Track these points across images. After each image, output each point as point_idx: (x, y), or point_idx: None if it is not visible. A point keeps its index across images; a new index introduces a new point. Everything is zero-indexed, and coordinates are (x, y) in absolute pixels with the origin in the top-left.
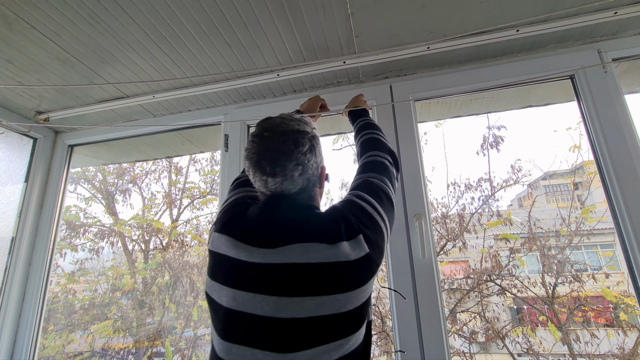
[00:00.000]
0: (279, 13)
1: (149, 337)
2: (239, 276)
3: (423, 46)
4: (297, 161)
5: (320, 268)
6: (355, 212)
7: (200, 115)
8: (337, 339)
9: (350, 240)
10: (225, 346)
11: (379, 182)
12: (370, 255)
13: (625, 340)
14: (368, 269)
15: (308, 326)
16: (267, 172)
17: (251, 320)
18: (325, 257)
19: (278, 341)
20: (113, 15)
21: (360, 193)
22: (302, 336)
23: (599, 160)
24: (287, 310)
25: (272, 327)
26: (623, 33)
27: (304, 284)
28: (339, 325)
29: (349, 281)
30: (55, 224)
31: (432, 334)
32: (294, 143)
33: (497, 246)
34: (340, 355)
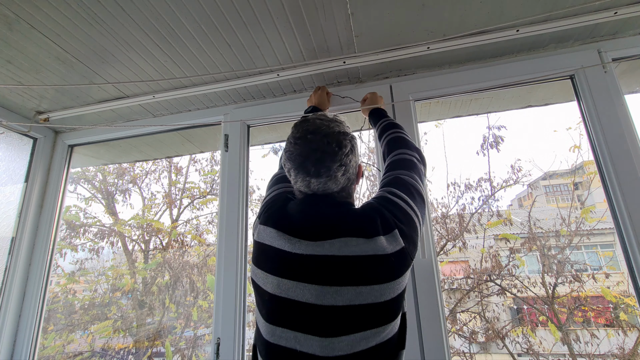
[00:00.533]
0: (279, 13)
1: (149, 337)
2: (283, 265)
3: (423, 46)
4: (340, 162)
5: (358, 260)
6: (389, 208)
7: (200, 115)
8: (374, 327)
9: (387, 234)
10: (270, 328)
11: (409, 178)
12: (405, 249)
13: (625, 340)
14: (403, 262)
15: (347, 314)
16: (312, 173)
17: (294, 306)
18: (363, 250)
19: (319, 326)
20: (113, 15)
21: (393, 189)
22: (341, 323)
23: (599, 160)
24: (328, 298)
25: (314, 313)
26: (623, 33)
27: (343, 274)
28: (376, 314)
29: (386, 273)
30: (55, 224)
31: (432, 334)
32: (337, 145)
33: (497, 246)
34: (377, 343)
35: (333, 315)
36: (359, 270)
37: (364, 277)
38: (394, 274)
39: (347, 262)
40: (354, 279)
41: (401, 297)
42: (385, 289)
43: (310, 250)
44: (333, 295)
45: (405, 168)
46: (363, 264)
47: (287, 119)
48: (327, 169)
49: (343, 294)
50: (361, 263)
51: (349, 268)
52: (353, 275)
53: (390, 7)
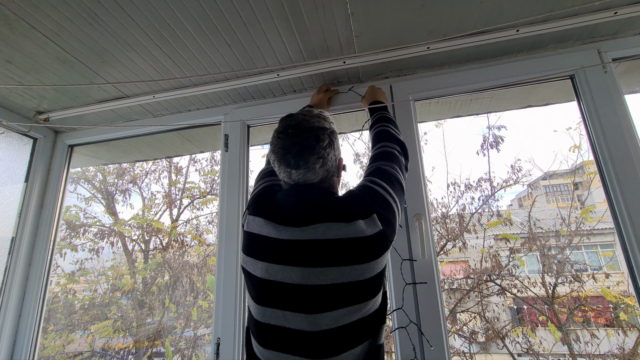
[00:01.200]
0: (279, 13)
1: (149, 337)
2: (271, 251)
3: (423, 46)
4: (318, 155)
5: (340, 243)
6: (369, 194)
7: (200, 115)
8: (356, 303)
9: (366, 218)
10: (260, 310)
11: (389, 168)
12: (383, 231)
13: (625, 340)
14: (382, 243)
15: (330, 292)
16: (292, 165)
17: (282, 288)
18: (344, 233)
19: (305, 304)
20: (113, 15)
21: (373, 178)
22: (325, 300)
23: (599, 160)
24: (312, 278)
25: (300, 293)
26: (623, 33)
27: (326, 256)
28: (358, 291)
29: (366, 253)
30: (55, 224)
31: (432, 334)
32: (315, 139)
33: (497, 246)
34: (359, 317)
35: (318, 294)
36: (342, 252)
37: (346, 257)
38: (373, 255)
39: (331, 245)
40: (337, 259)
41: (381, 276)
42: (365, 268)
43: (295, 235)
44: (318, 275)
45: (386, 159)
46: (345, 246)
47: None
48: (305, 161)
49: (327, 274)
50: (343, 245)
51: (332, 250)
52: (336, 256)
53: (390, 7)
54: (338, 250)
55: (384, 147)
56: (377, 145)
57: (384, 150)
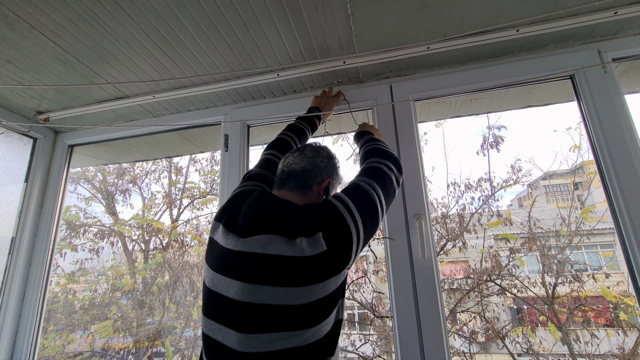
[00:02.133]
0: (279, 13)
1: (149, 337)
2: (218, 260)
3: (423, 46)
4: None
5: (277, 260)
6: (325, 210)
7: (200, 115)
8: (289, 330)
9: (309, 237)
10: (204, 320)
11: (365, 185)
12: (327, 253)
13: (625, 340)
14: (325, 267)
15: (262, 312)
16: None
17: (221, 301)
18: (282, 250)
19: (238, 322)
20: (113, 15)
21: (341, 195)
22: (256, 320)
23: (599, 160)
24: (247, 295)
25: (235, 309)
26: (623, 33)
27: (262, 273)
28: (292, 316)
29: (303, 276)
30: (55, 224)
31: (432, 334)
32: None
33: (497, 246)
34: (294, 346)
35: (249, 313)
36: (276, 270)
37: (280, 277)
38: (312, 278)
39: (267, 261)
40: (271, 278)
41: (328, 303)
42: (302, 292)
43: (238, 246)
44: (251, 292)
45: (367, 175)
46: (280, 265)
47: (287, 119)
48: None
49: (260, 292)
50: (279, 263)
51: (268, 267)
52: (270, 274)
53: (390, 7)
54: (274, 268)
55: (371, 162)
56: (366, 161)
57: (370, 165)
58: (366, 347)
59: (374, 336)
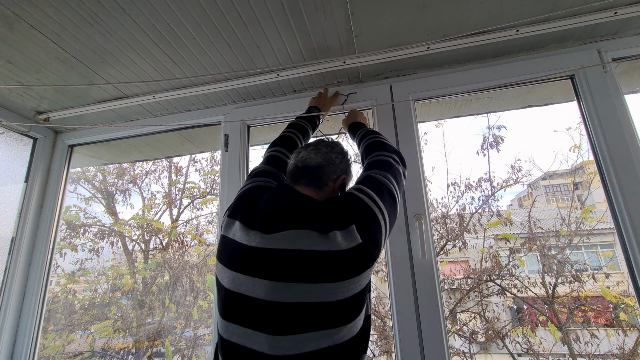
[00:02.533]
0: (279, 13)
1: (149, 337)
2: (238, 259)
3: (423, 46)
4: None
5: (310, 255)
6: (352, 203)
7: (200, 115)
8: (325, 328)
9: (343, 230)
10: (224, 324)
11: (381, 177)
12: (362, 246)
13: (625, 340)
14: (361, 260)
15: (295, 311)
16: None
17: (246, 302)
18: (316, 244)
19: (268, 323)
20: (113, 15)
21: (361, 187)
22: (289, 320)
23: (599, 160)
24: (277, 294)
25: (264, 310)
26: (623, 33)
27: (293, 269)
28: (328, 314)
29: (339, 271)
30: (55, 224)
31: (432, 334)
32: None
33: (497, 246)
34: (329, 345)
35: (281, 312)
36: (310, 266)
37: (314, 273)
38: (349, 272)
39: (298, 257)
40: (304, 275)
41: (360, 298)
42: (338, 288)
43: (263, 243)
44: (283, 291)
45: (379, 168)
46: (314, 260)
47: (287, 119)
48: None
49: (293, 290)
50: (312, 258)
51: (300, 263)
52: (303, 271)
53: (390, 7)
54: (307, 264)
55: (378, 155)
56: (372, 154)
57: (378, 158)
58: None
59: (373, 336)
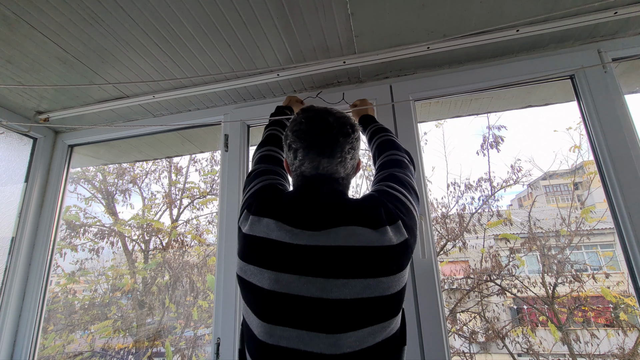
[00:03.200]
0: (279, 13)
1: (149, 337)
2: (282, 258)
3: (423, 46)
4: (351, 145)
5: (366, 251)
6: (391, 200)
7: (200, 115)
8: (381, 321)
9: (392, 225)
10: (268, 328)
11: (403, 175)
12: (409, 240)
13: (625, 340)
14: (407, 254)
15: (354, 307)
16: (325, 153)
17: (297, 302)
18: (370, 240)
19: (325, 322)
20: (113, 15)
21: (391, 184)
22: (348, 317)
23: (599, 160)
24: (334, 291)
25: (319, 308)
26: (623, 33)
27: (350, 266)
28: (383, 307)
29: (392, 265)
30: (55, 224)
31: (432, 334)
32: (351, 127)
33: (497, 246)
34: (383, 338)
35: (340, 310)
36: (367, 262)
37: (372, 269)
38: (399, 266)
39: (355, 253)
40: (361, 270)
41: (404, 290)
42: (391, 282)
43: (314, 240)
44: (340, 288)
45: (398, 167)
46: (371, 255)
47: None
48: (340, 149)
49: (351, 286)
50: (369, 254)
51: (357, 259)
52: (361, 266)
53: (390, 7)
54: (363, 260)
55: (394, 154)
56: (386, 153)
57: (394, 158)
58: None
59: None
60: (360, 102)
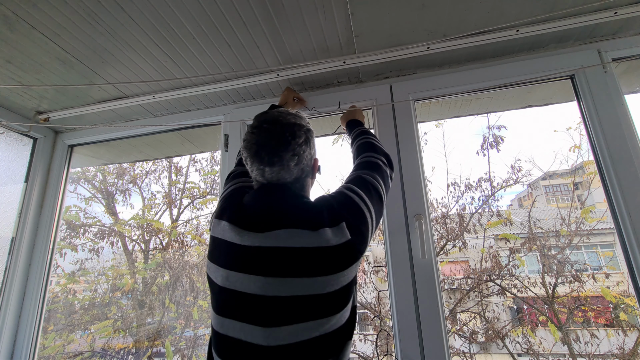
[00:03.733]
0: (279, 13)
1: (149, 337)
2: (232, 258)
3: (423, 46)
4: (293, 152)
5: (302, 252)
6: (341, 201)
7: (200, 115)
8: (317, 318)
9: (333, 227)
10: (219, 320)
11: (369, 177)
12: (352, 241)
13: (625, 340)
14: (349, 255)
15: (290, 304)
16: (265, 162)
17: (241, 298)
18: (307, 242)
19: (263, 316)
20: (113, 15)
21: (351, 186)
22: (284, 313)
23: (599, 160)
24: (272, 289)
25: (259, 304)
26: (623, 33)
27: (287, 266)
28: (319, 305)
29: (329, 265)
30: (55, 224)
31: (432, 334)
32: (291, 135)
33: (497, 246)
34: (321, 334)
35: (276, 306)
36: (303, 262)
37: (307, 268)
38: (338, 266)
39: (292, 254)
40: (297, 270)
41: (348, 290)
42: (329, 281)
43: (257, 241)
44: (277, 286)
45: (367, 169)
46: (307, 256)
47: None
48: (279, 158)
49: (288, 285)
50: (305, 255)
51: (293, 260)
52: (297, 266)
53: (390, 7)
54: (300, 260)
55: (368, 157)
56: (362, 155)
57: (367, 160)
58: (367, 347)
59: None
60: (350, 108)
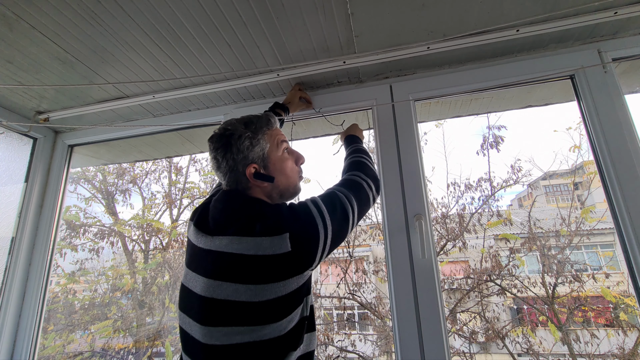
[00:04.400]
0: (279, 13)
1: (149, 337)
2: (190, 257)
3: (423, 46)
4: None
5: (239, 258)
6: (297, 211)
7: (200, 115)
8: (249, 325)
9: (274, 236)
10: (179, 312)
11: (342, 195)
12: (291, 254)
13: (625, 340)
14: (288, 266)
15: (224, 307)
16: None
17: (189, 295)
18: (245, 249)
19: (202, 315)
20: (113, 15)
21: (317, 199)
22: (219, 314)
23: (599, 160)
24: (210, 290)
25: (199, 303)
26: (623, 33)
27: (224, 270)
28: (251, 312)
29: (263, 274)
30: (55, 224)
31: (432, 334)
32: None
33: (497, 246)
34: (254, 340)
35: (212, 307)
36: (238, 268)
37: (241, 275)
38: (273, 276)
39: (230, 259)
40: (232, 275)
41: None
42: (263, 290)
43: (207, 244)
44: (215, 288)
45: (346, 187)
46: (243, 263)
47: (286, 119)
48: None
49: (223, 288)
50: (241, 261)
51: (230, 265)
52: (232, 272)
53: (390, 7)
54: (236, 266)
55: (354, 176)
56: (348, 172)
57: (351, 178)
58: (366, 347)
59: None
60: (352, 126)
